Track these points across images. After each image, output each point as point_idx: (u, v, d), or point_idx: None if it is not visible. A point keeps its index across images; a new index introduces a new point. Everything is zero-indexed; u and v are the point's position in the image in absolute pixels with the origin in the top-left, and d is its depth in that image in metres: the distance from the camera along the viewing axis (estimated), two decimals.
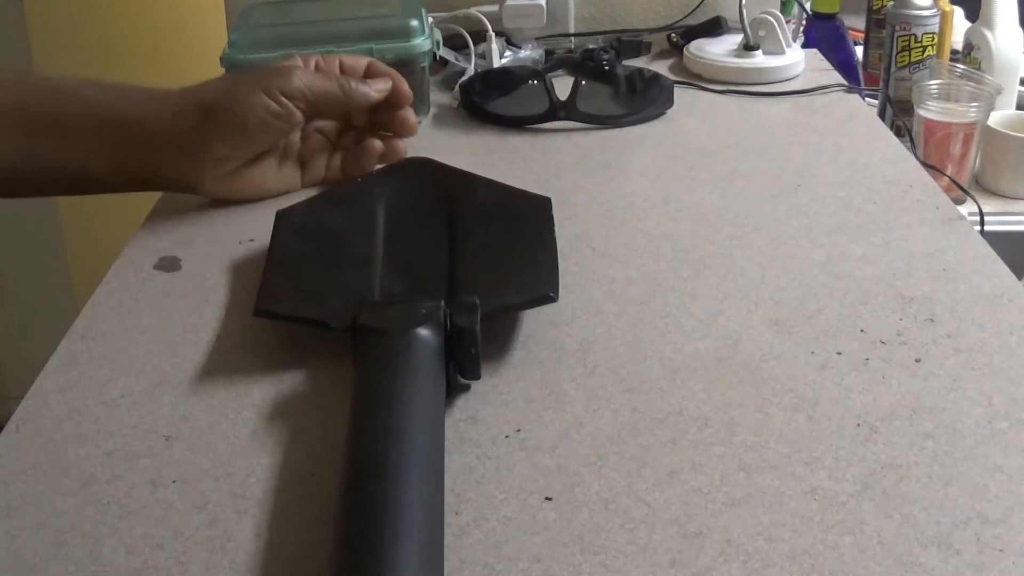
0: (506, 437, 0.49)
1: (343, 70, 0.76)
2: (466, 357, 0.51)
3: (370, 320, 0.51)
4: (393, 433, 0.44)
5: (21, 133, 0.69)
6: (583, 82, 0.88)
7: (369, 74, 0.77)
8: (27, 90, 0.70)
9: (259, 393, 0.53)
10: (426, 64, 0.88)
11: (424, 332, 0.50)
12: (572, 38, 1.11)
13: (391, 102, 0.76)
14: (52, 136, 0.69)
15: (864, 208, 0.72)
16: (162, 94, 0.71)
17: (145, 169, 0.71)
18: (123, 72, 1.76)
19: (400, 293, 0.59)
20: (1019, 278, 0.63)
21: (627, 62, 1.06)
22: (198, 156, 0.71)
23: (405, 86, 0.77)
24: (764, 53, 1.01)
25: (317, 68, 0.74)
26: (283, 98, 0.70)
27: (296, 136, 0.76)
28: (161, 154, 0.70)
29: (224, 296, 0.63)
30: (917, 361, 0.54)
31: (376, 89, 0.75)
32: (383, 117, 0.77)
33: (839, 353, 0.55)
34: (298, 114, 0.71)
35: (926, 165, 0.87)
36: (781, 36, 1.01)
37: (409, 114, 0.77)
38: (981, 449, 0.48)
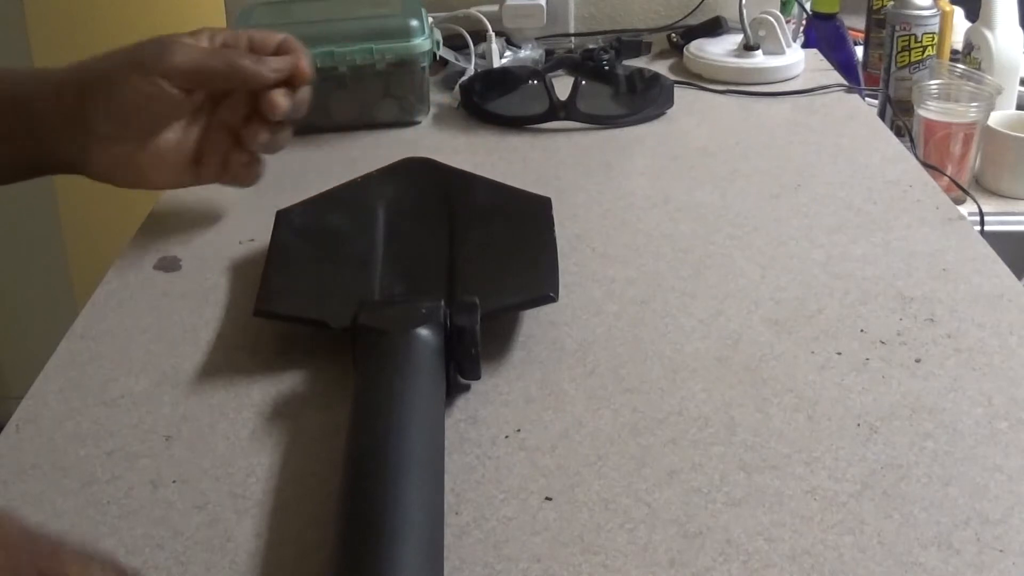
0: (506, 437, 0.49)
1: (252, 47, 0.68)
2: (466, 357, 0.51)
3: (370, 320, 0.51)
4: (393, 433, 0.44)
5: None
6: (583, 82, 0.88)
7: (280, 51, 0.68)
8: None
9: (259, 393, 0.53)
10: (426, 64, 0.88)
11: (424, 332, 0.50)
12: (572, 38, 1.11)
13: (289, 83, 0.67)
14: None
15: (864, 208, 0.72)
16: (47, 73, 0.66)
17: (36, 151, 0.67)
18: None
19: (400, 293, 0.59)
20: (1019, 278, 0.63)
21: (627, 62, 1.06)
22: (82, 137, 0.65)
23: (305, 64, 0.68)
24: (764, 53, 1.01)
25: (225, 42, 0.67)
26: (160, 80, 0.64)
27: (195, 128, 0.69)
28: (48, 134, 0.66)
29: (224, 296, 0.63)
30: (917, 361, 0.54)
31: (272, 68, 0.66)
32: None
33: (839, 353, 0.55)
34: (176, 95, 0.65)
35: (926, 165, 0.87)
36: (781, 36, 1.01)
37: (278, 95, 0.67)
38: (981, 449, 0.48)
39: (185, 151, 0.68)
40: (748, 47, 1.01)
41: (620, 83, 0.94)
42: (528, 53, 1.04)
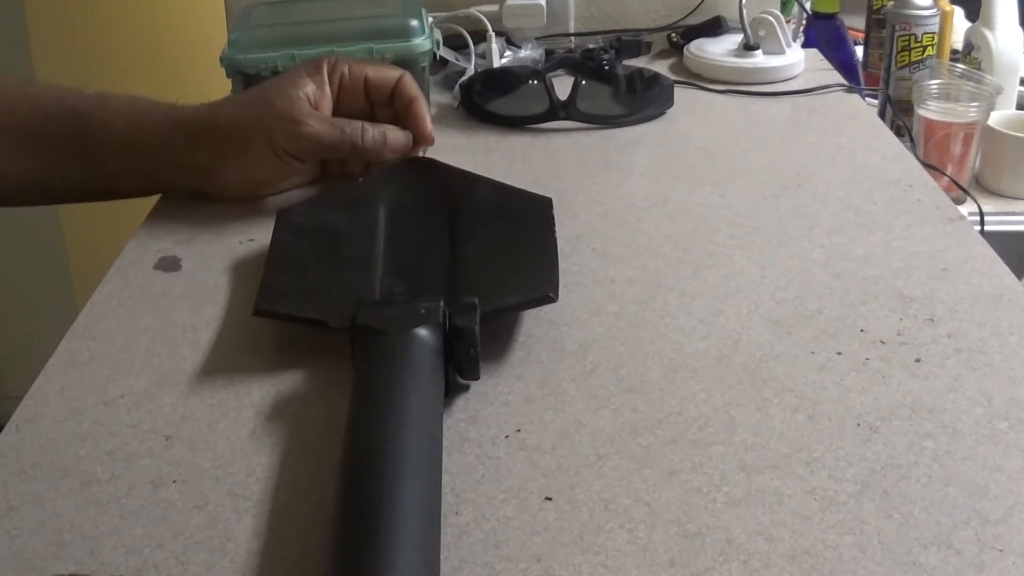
0: (506, 437, 0.49)
1: (368, 86, 0.74)
2: (465, 357, 0.51)
3: (369, 320, 0.51)
4: (390, 433, 0.44)
5: (40, 151, 0.70)
6: (583, 82, 0.88)
7: (397, 93, 0.74)
8: (39, 106, 0.70)
9: (259, 393, 0.53)
10: (426, 64, 0.88)
11: (423, 332, 0.50)
12: (572, 38, 1.11)
13: (414, 132, 0.74)
14: (73, 158, 0.70)
15: (864, 208, 0.72)
16: (174, 124, 0.70)
17: (166, 185, 0.74)
18: (123, 72, 1.76)
19: (400, 293, 0.59)
20: (1019, 278, 0.63)
21: (627, 62, 1.06)
22: (215, 179, 0.72)
23: (427, 129, 0.74)
24: (764, 53, 1.01)
25: (341, 82, 0.73)
26: (288, 157, 0.70)
27: (310, 168, 0.75)
28: (180, 175, 0.72)
29: (224, 296, 0.63)
30: (917, 361, 0.54)
31: (392, 148, 0.73)
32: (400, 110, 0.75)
33: (839, 353, 0.55)
34: (300, 167, 0.72)
35: (926, 165, 0.87)
36: (781, 36, 1.01)
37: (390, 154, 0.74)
38: (981, 449, 0.48)
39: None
40: (748, 47, 1.01)
41: (620, 83, 0.94)
42: (528, 53, 1.04)
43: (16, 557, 0.43)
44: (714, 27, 1.08)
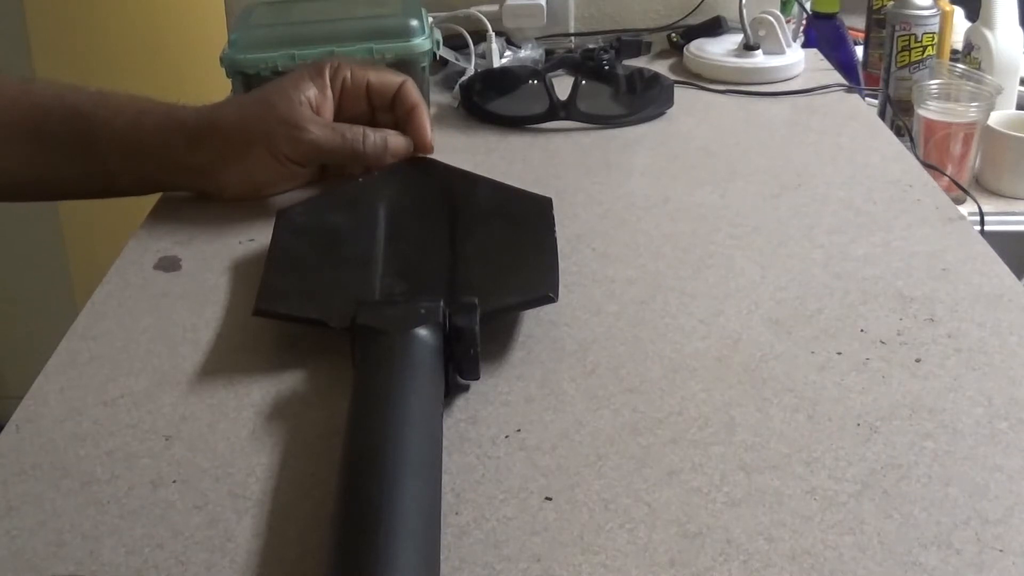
0: (506, 437, 0.49)
1: (370, 91, 0.73)
2: (465, 357, 0.51)
3: (369, 320, 0.51)
4: (390, 433, 0.44)
5: (40, 148, 0.70)
6: (583, 82, 0.88)
7: (399, 99, 0.74)
8: (39, 103, 0.70)
9: (259, 393, 0.53)
10: (426, 64, 0.88)
11: (423, 332, 0.50)
12: (572, 38, 1.11)
13: (413, 137, 0.74)
14: (72, 156, 0.70)
15: (864, 208, 0.72)
16: (175, 124, 0.70)
17: (165, 184, 0.74)
18: (123, 72, 1.76)
19: (400, 293, 0.59)
20: (1019, 278, 0.63)
21: (627, 62, 1.06)
22: (215, 180, 0.72)
23: (427, 137, 0.73)
24: (764, 53, 1.01)
25: (343, 86, 0.73)
26: (288, 162, 0.71)
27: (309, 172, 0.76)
28: (180, 175, 0.72)
29: (224, 296, 0.63)
30: (917, 361, 0.54)
31: (393, 154, 0.72)
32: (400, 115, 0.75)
33: (839, 353, 0.55)
34: (301, 171, 0.73)
35: (926, 165, 0.87)
36: (781, 36, 1.01)
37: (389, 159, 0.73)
38: (981, 449, 0.48)
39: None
40: (748, 47, 1.01)
41: (620, 83, 0.94)
42: (528, 53, 1.04)
43: (16, 557, 0.43)
44: (714, 27, 1.08)
